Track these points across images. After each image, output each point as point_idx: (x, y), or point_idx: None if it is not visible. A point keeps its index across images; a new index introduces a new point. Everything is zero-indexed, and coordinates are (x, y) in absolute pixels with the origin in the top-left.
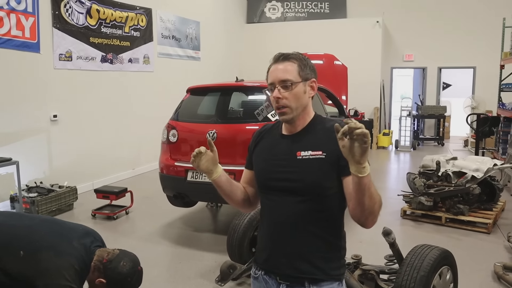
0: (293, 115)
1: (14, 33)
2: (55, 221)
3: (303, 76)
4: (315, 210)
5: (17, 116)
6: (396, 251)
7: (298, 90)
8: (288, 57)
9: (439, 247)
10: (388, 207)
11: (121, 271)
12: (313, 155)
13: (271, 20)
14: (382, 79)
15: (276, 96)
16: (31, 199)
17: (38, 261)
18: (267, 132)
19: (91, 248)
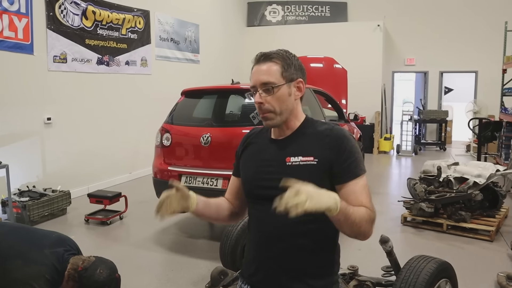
0: (278, 120)
1: (7, 34)
2: (26, 228)
3: (287, 77)
4: (305, 222)
5: (10, 119)
6: (393, 260)
7: (282, 93)
8: (269, 57)
9: (437, 259)
10: (388, 213)
11: (97, 279)
12: (304, 161)
13: (271, 23)
14: (383, 83)
15: (258, 101)
16: (23, 204)
17: (6, 271)
18: (256, 136)
19: (64, 256)
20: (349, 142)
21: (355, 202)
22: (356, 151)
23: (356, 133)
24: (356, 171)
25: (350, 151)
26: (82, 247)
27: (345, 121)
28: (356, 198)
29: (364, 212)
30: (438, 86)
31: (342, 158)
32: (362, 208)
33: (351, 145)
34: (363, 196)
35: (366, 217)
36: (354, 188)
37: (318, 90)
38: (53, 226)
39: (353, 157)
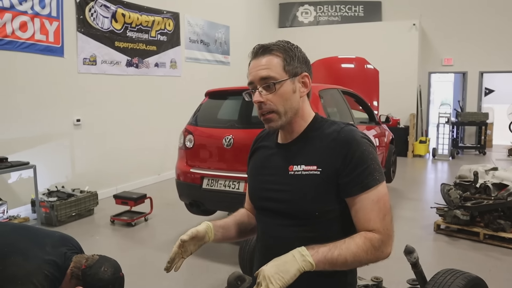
0: (282, 122)
1: (38, 38)
2: (28, 227)
3: (290, 71)
4: (311, 238)
5: (40, 120)
6: (419, 273)
7: (285, 89)
8: (269, 49)
9: (467, 274)
10: (420, 220)
11: (102, 277)
12: (306, 171)
13: (303, 24)
14: (419, 85)
15: (258, 100)
16: (51, 204)
17: (6, 267)
18: (264, 140)
19: (67, 254)
20: (359, 146)
21: (363, 220)
22: (368, 157)
23: (387, 135)
24: (367, 182)
25: (361, 157)
26: (106, 247)
27: (376, 123)
28: (365, 216)
29: (360, 243)
30: (477, 87)
31: (350, 166)
32: (358, 238)
33: (362, 149)
34: (373, 213)
35: (365, 248)
36: (364, 202)
37: (347, 91)
38: (80, 226)
39: (364, 164)
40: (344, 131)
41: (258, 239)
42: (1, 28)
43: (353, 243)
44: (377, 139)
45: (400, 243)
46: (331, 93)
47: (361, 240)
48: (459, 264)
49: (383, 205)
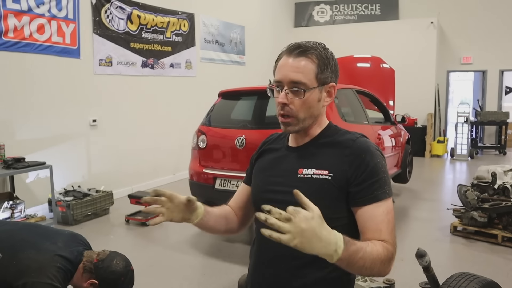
0: (299, 127)
1: (55, 40)
2: (39, 225)
3: (321, 79)
4: None
5: (57, 121)
6: (431, 277)
7: (312, 97)
8: (306, 52)
9: (481, 278)
10: (437, 221)
11: (114, 269)
12: (317, 175)
13: (319, 23)
14: (437, 84)
15: (282, 102)
16: (67, 203)
17: (19, 260)
18: (273, 143)
19: (78, 249)
20: (373, 158)
21: (373, 230)
22: (381, 170)
23: (403, 135)
24: (377, 194)
25: (374, 168)
26: (121, 247)
27: (392, 123)
28: (376, 226)
29: (380, 251)
30: (498, 85)
31: (362, 176)
32: (379, 245)
33: (375, 161)
34: (383, 225)
35: (382, 257)
36: (373, 213)
37: (362, 91)
38: (95, 225)
39: (376, 176)
40: (359, 141)
41: (255, 243)
42: (19, 31)
43: (375, 249)
44: (393, 139)
45: (415, 244)
46: (345, 93)
47: (381, 249)
48: (476, 267)
49: (391, 219)
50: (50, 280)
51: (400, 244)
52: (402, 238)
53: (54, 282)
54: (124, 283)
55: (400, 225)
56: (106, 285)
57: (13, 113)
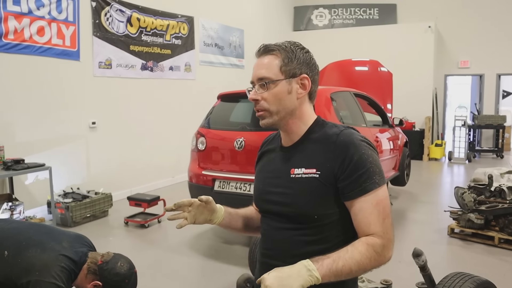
0: (273, 120)
1: (55, 42)
2: (45, 225)
3: (287, 71)
4: (311, 242)
5: (57, 123)
6: (427, 276)
7: (279, 89)
8: (269, 49)
9: (476, 277)
10: (434, 223)
11: (119, 272)
12: (306, 174)
13: (318, 27)
14: (434, 87)
15: (251, 98)
16: (66, 205)
17: (24, 258)
18: (270, 143)
19: (82, 250)
20: (357, 150)
21: (363, 224)
22: (367, 161)
23: (401, 138)
24: (366, 186)
25: (359, 161)
26: (120, 248)
27: (390, 126)
28: (365, 219)
29: (363, 251)
30: (495, 89)
31: (348, 170)
32: (360, 245)
33: (360, 153)
34: (372, 216)
35: (368, 255)
36: (362, 205)
37: (360, 94)
38: (94, 227)
39: (362, 168)
40: (343, 134)
41: (260, 242)
42: (20, 33)
43: (356, 251)
44: (390, 141)
45: (412, 246)
46: (343, 96)
47: (364, 247)
48: (473, 269)
49: (383, 209)
50: (54, 280)
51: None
52: (400, 240)
53: (57, 282)
54: (128, 285)
55: (397, 227)
56: (109, 287)
57: (13, 115)
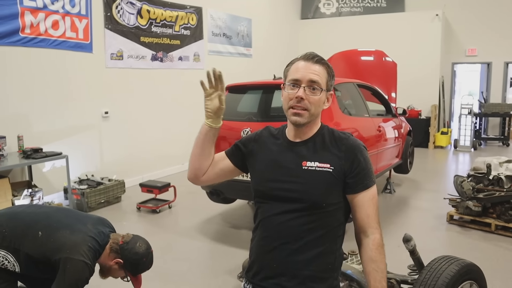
0: (307, 120)
1: (69, 35)
2: (70, 209)
3: (328, 85)
4: (312, 225)
5: (71, 113)
6: (417, 259)
7: (321, 97)
8: (321, 61)
9: (461, 260)
10: (434, 210)
11: (138, 251)
12: (320, 167)
13: (325, 15)
14: (441, 75)
15: (300, 96)
16: (81, 191)
17: (56, 238)
18: (270, 137)
19: (105, 232)
20: (363, 154)
21: (363, 213)
22: (368, 163)
23: (405, 127)
24: (366, 183)
25: (364, 162)
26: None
27: (393, 115)
28: (365, 211)
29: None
30: (502, 77)
31: (356, 169)
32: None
33: (364, 156)
34: (370, 208)
35: (383, 251)
36: (363, 199)
37: (363, 85)
38: (108, 212)
39: (366, 169)
40: (351, 140)
41: (258, 227)
42: (35, 27)
43: (380, 263)
44: (394, 130)
45: (412, 232)
46: (346, 87)
47: (378, 253)
48: (468, 253)
49: (376, 202)
50: (82, 257)
51: (397, 231)
52: (400, 226)
53: (85, 259)
54: (146, 263)
55: (399, 214)
56: (129, 264)
57: (31, 106)
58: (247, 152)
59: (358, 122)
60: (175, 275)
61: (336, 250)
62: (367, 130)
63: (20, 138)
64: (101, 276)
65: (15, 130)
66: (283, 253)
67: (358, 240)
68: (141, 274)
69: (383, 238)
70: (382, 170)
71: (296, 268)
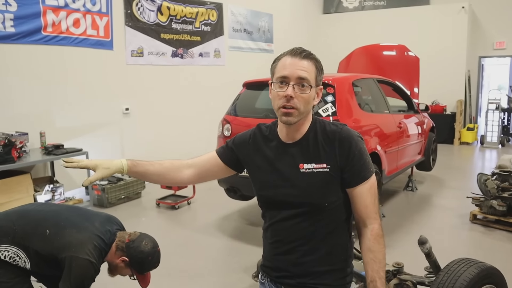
0: (298, 119)
1: (90, 33)
2: (80, 208)
3: (317, 81)
4: (319, 225)
5: (92, 110)
6: (433, 262)
7: (311, 94)
8: (309, 56)
9: (481, 263)
10: (457, 209)
11: (143, 249)
12: (317, 169)
13: (348, 9)
14: (468, 70)
15: (290, 95)
16: (102, 187)
17: (62, 236)
18: (263, 140)
19: (112, 230)
20: (357, 145)
21: (361, 204)
22: (364, 153)
23: (427, 123)
24: (364, 175)
25: (359, 154)
26: (151, 228)
27: (415, 111)
28: (364, 202)
29: (380, 247)
30: None
31: (351, 163)
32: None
33: (359, 148)
34: (368, 199)
35: (382, 241)
36: (361, 191)
37: (383, 80)
38: (128, 208)
39: (361, 160)
40: (344, 132)
41: (267, 229)
42: (57, 26)
43: (378, 253)
44: (415, 127)
45: (435, 231)
46: (366, 83)
47: (376, 243)
48: (491, 255)
49: (374, 191)
50: (87, 256)
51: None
52: (421, 225)
53: (90, 258)
54: (151, 262)
55: (420, 212)
56: (135, 262)
57: (53, 103)
58: (242, 157)
59: (377, 119)
60: (190, 271)
61: (347, 241)
62: (387, 126)
63: (42, 134)
64: (109, 274)
65: (37, 126)
66: (296, 255)
67: (358, 230)
68: (149, 272)
69: (382, 228)
70: (403, 167)
71: (311, 266)
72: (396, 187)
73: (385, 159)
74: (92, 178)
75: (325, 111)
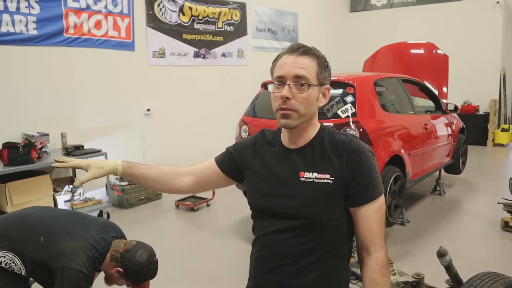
0: (297, 122)
1: (111, 34)
2: (78, 213)
3: (320, 79)
4: (312, 244)
5: (114, 110)
6: (453, 276)
7: (312, 95)
8: (308, 52)
9: (509, 279)
10: (487, 215)
11: (138, 260)
12: (319, 179)
13: (376, 7)
14: (502, 68)
15: (286, 96)
16: (122, 188)
17: (55, 245)
18: (267, 144)
19: (107, 239)
20: (367, 160)
21: (366, 228)
22: (374, 170)
23: (456, 124)
24: (371, 194)
25: (368, 170)
26: (169, 230)
27: (443, 112)
28: (368, 225)
29: (384, 279)
30: None
31: (358, 179)
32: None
33: (369, 163)
34: (374, 223)
35: (387, 273)
36: (367, 212)
37: (409, 80)
38: (147, 209)
39: (370, 178)
40: (354, 143)
41: (255, 243)
42: (79, 27)
43: (383, 286)
44: (443, 128)
45: (461, 238)
46: (389, 82)
47: (381, 274)
48: None
49: (381, 215)
50: (79, 266)
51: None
52: (448, 232)
53: (82, 268)
54: (147, 273)
55: (447, 218)
56: (129, 273)
57: (75, 104)
58: (241, 163)
59: (401, 120)
60: (204, 275)
61: (342, 269)
62: (411, 128)
63: (63, 135)
64: (106, 283)
65: (59, 127)
66: (282, 276)
67: (360, 258)
68: (148, 282)
69: (387, 257)
70: (430, 170)
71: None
72: (423, 190)
73: (408, 162)
74: (84, 178)
75: (344, 112)
